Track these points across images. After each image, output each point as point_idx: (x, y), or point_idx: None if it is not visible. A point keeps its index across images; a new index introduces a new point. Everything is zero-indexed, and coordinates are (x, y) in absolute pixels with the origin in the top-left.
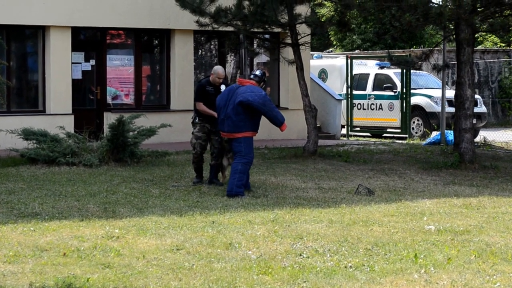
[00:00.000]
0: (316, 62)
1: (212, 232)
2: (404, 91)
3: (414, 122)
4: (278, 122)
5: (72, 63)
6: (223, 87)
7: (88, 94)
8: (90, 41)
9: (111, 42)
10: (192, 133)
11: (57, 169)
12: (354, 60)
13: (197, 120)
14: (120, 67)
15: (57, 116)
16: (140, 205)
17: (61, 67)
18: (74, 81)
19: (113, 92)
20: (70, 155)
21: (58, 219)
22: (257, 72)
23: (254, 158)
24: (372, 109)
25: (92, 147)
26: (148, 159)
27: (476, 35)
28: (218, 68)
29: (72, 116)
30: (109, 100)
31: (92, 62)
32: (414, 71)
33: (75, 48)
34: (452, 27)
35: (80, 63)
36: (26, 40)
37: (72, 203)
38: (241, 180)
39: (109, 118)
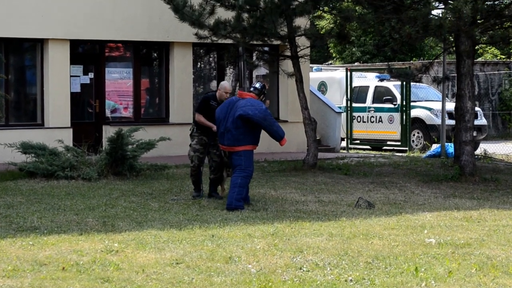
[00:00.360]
0: (315, 75)
1: (211, 246)
2: (404, 103)
3: (414, 135)
4: (278, 136)
5: (71, 76)
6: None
7: (87, 107)
8: (89, 54)
9: (109, 55)
10: (190, 145)
11: (56, 182)
12: (353, 73)
13: (195, 132)
14: (119, 80)
15: (56, 130)
16: (139, 219)
17: (59, 80)
18: (73, 94)
19: (112, 105)
20: (69, 168)
21: (57, 233)
22: (257, 85)
23: (254, 171)
24: (372, 122)
25: (91, 161)
26: (147, 172)
27: (476, 47)
28: (225, 83)
29: (71, 130)
30: (108, 113)
31: (91, 75)
32: (414, 83)
33: (73, 61)
34: (452, 39)
35: (79, 76)
36: (25, 53)
37: (71, 217)
38: (240, 194)
39: (108, 132)
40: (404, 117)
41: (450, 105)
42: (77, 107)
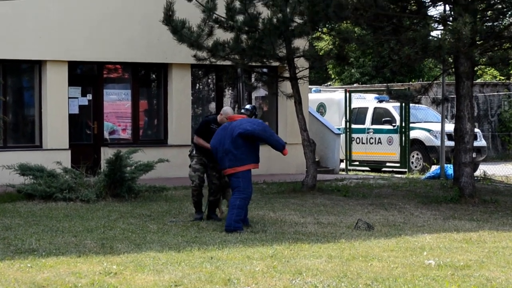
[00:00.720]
0: (314, 96)
1: (210, 268)
2: (403, 125)
3: (413, 156)
4: (280, 146)
5: (69, 97)
6: None
7: (85, 129)
8: (87, 76)
9: (108, 76)
10: (190, 166)
11: (54, 204)
12: (352, 94)
13: (194, 153)
14: (117, 101)
15: (54, 151)
16: (138, 241)
17: (57, 101)
18: (71, 116)
19: (110, 126)
20: (67, 190)
21: (55, 255)
22: (248, 106)
23: (253, 193)
24: (371, 143)
25: (89, 182)
26: (145, 194)
27: (475, 69)
28: (228, 109)
29: (69, 151)
30: (106, 135)
31: (89, 96)
32: (413, 104)
33: (71, 82)
34: (451, 61)
35: (77, 97)
36: (23, 75)
37: (69, 239)
38: (239, 216)
39: (106, 153)
40: (403, 138)
41: (450, 127)
42: (75, 128)
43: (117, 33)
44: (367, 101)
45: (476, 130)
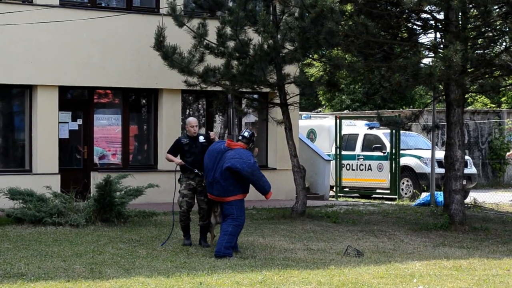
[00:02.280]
0: (305, 122)
1: None
2: (394, 151)
3: (403, 183)
4: (264, 191)
5: (59, 122)
6: (201, 138)
7: (75, 154)
8: (78, 100)
9: (98, 101)
10: (179, 191)
11: (44, 229)
12: (343, 120)
13: (182, 177)
14: (107, 126)
15: (44, 176)
16: (127, 266)
17: (48, 126)
18: (61, 141)
19: (100, 151)
20: (57, 215)
21: (44, 280)
22: (245, 134)
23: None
24: (361, 170)
25: (78, 207)
26: (135, 219)
27: (466, 96)
28: (189, 118)
29: (59, 176)
30: (96, 159)
31: (79, 121)
32: (404, 131)
33: (62, 107)
34: (442, 88)
35: (67, 122)
36: (13, 99)
37: (58, 263)
38: (230, 242)
39: (96, 178)
40: (394, 165)
41: (440, 154)
42: (65, 153)
43: (107, 58)
44: (357, 127)
45: (467, 157)
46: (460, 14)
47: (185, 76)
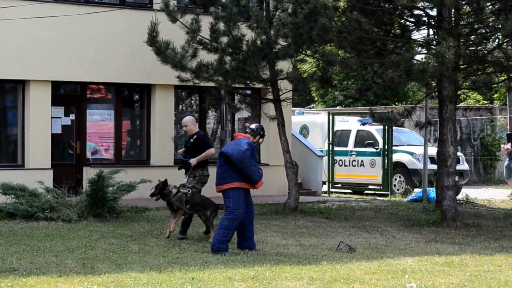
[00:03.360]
0: (297, 118)
1: None
2: (386, 147)
3: (396, 179)
4: (252, 180)
5: (52, 117)
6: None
7: (68, 149)
8: (70, 96)
9: (91, 96)
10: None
11: (36, 224)
12: (335, 116)
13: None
14: (100, 121)
15: (36, 171)
16: (119, 261)
17: (40, 121)
18: (54, 136)
19: (92, 147)
20: (49, 210)
21: (36, 275)
22: (252, 126)
23: None
24: (354, 166)
25: (71, 202)
26: (127, 214)
27: (458, 92)
28: (184, 119)
29: (51, 171)
30: (88, 154)
31: (72, 116)
32: (396, 128)
33: (55, 102)
34: (435, 84)
35: (60, 117)
36: (6, 94)
37: (50, 258)
38: (225, 236)
39: (89, 173)
40: (386, 161)
41: (432, 150)
42: (58, 148)
43: (100, 54)
44: (350, 123)
45: (459, 153)
46: (453, 10)
47: (178, 71)
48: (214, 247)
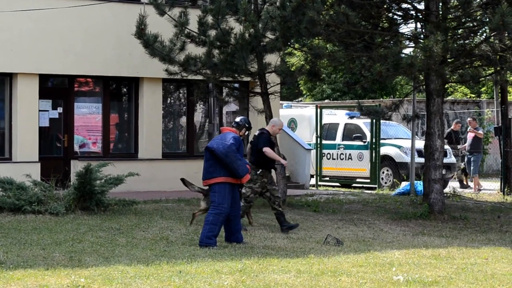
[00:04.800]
0: (285, 112)
1: (179, 282)
2: (374, 141)
3: (383, 172)
4: (238, 175)
5: (39, 110)
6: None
7: (55, 142)
8: (58, 89)
9: (79, 89)
10: (250, 187)
11: (23, 217)
12: (323, 110)
13: (257, 174)
14: (88, 115)
15: (24, 164)
16: (106, 254)
17: (28, 114)
18: (41, 129)
19: (80, 140)
20: (36, 203)
21: (23, 268)
22: (237, 119)
23: None
24: (342, 159)
25: (58, 195)
26: (115, 207)
27: (446, 86)
28: (278, 120)
29: (39, 164)
30: (76, 148)
31: (60, 109)
32: (384, 121)
33: (42, 95)
34: (422, 78)
35: (48, 110)
36: None
37: (37, 251)
38: (212, 231)
39: (76, 166)
40: (374, 154)
41: (420, 143)
42: (45, 141)
43: (88, 47)
44: (338, 117)
45: (446, 147)
46: (440, 4)
47: (166, 64)
48: (202, 243)
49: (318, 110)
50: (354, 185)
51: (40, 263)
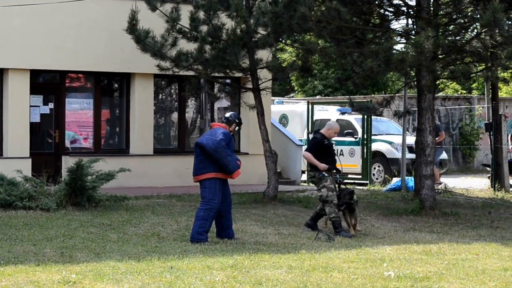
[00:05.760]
0: (277, 108)
1: (170, 278)
2: (365, 137)
3: (375, 168)
4: (228, 170)
5: (31, 106)
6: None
7: (47, 138)
8: (49, 84)
9: (70, 85)
10: (324, 186)
11: (14, 213)
12: (315, 106)
13: (323, 176)
14: (79, 110)
15: (15, 160)
16: (97, 250)
17: (19, 110)
18: (32, 125)
19: (71, 135)
20: (27, 199)
21: (13, 264)
22: (227, 114)
23: None
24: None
25: (49, 191)
26: (106, 203)
27: (437, 82)
28: (334, 124)
29: (30, 160)
30: (67, 143)
31: (51, 105)
32: (375, 117)
33: (33, 91)
34: (414, 74)
35: (39, 106)
36: None
37: (28, 247)
38: (202, 227)
39: (68, 162)
40: (365, 150)
41: (411, 139)
42: (36, 137)
43: (80, 42)
44: (329, 113)
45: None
46: (431, 0)
47: (157, 60)
48: (193, 239)
49: (310, 106)
50: (345, 181)
51: (31, 259)
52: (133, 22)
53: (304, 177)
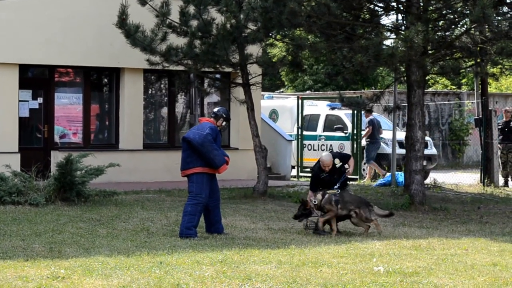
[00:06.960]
0: (267, 103)
1: (159, 273)
2: (355, 132)
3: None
4: (214, 165)
5: (19, 101)
6: (337, 161)
7: (36, 133)
8: (38, 79)
9: (59, 80)
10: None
11: (2, 208)
12: (305, 101)
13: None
14: (68, 105)
15: (3, 155)
16: (86, 245)
17: (7, 105)
18: (21, 119)
19: (61, 130)
20: (16, 194)
21: (2, 259)
22: (215, 109)
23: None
24: (323, 150)
25: (38, 186)
26: (95, 198)
27: (427, 77)
28: (325, 158)
29: (19, 155)
30: (56, 138)
31: (40, 100)
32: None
33: (22, 85)
34: (403, 69)
35: (28, 101)
36: None
37: (17, 242)
38: (191, 222)
39: (57, 157)
40: (355, 145)
41: (401, 135)
42: (25, 132)
43: (69, 37)
44: (319, 108)
45: (427, 138)
46: None
47: (147, 55)
48: (182, 234)
49: (300, 101)
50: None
51: (20, 254)
52: (123, 16)
53: (294, 172)
